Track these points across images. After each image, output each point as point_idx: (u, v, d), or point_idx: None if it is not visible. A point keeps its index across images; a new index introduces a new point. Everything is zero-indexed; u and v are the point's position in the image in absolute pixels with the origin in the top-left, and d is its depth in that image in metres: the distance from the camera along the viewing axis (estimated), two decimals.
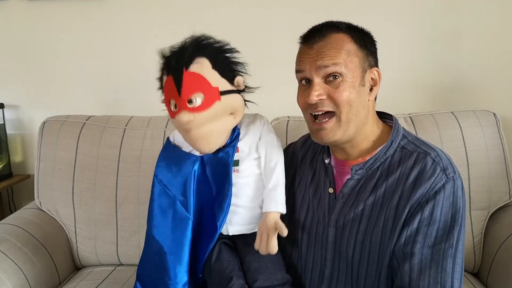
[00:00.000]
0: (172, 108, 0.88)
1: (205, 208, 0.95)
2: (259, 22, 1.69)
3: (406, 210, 0.83)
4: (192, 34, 0.91)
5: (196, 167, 0.94)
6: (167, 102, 0.89)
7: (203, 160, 0.94)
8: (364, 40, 0.89)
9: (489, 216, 1.37)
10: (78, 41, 1.78)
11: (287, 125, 1.48)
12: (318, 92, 0.85)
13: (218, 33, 0.91)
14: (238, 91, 0.93)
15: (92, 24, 1.76)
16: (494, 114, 1.41)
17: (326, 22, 0.91)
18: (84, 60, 1.79)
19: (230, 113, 0.91)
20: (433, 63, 1.68)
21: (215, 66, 0.88)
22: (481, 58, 1.66)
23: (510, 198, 1.37)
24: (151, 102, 0.91)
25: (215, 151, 0.93)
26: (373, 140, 0.91)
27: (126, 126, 1.51)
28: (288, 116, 1.51)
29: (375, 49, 0.92)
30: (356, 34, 0.88)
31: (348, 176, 0.91)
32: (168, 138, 1.01)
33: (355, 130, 0.88)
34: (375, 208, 0.87)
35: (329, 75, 0.85)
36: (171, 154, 0.98)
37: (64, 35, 1.78)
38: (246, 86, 0.95)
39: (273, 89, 1.68)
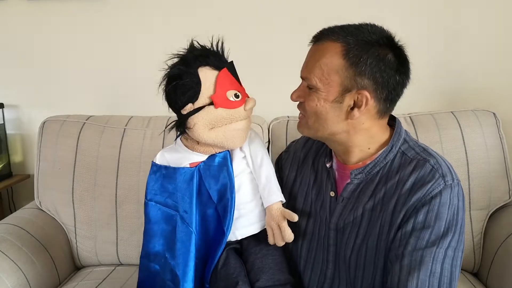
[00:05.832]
0: (232, 98, 0.89)
1: (208, 217, 0.94)
2: (259, 22, 1.69)
3: (401, 215, 0.83)
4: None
5: (195, 178, 0.93)
6: (223, 95, 0.88)
7: (199, 170, 0.93)
8: (362, 59, 0.80)
9: (489, 216, 1.37)
10: (78, 41, 1.78)
11: (287, 125, 1.48)
12: (297, 94, 0.90)
13: (219, 34, 0.91)
14: None
15: (92, 24, 1.76)
16: (494, 114, 1.41)
17: (332, 27, 0.86)
18: (84, 60, 1.79)
19: None
20: (433, 63, 1.68)
21: None
22: (481, 58, 1.66)
23: (510, 198, 1.37)
24: (151, 102, 0.91)
25: (211, 157, 0.93)
26: (369, 148, 0.90)
27: (126, 126, 1.51)
28: (288, 116, 1.51)
29: (379, 72, 0.81)
30: (356, 49, 0.80)
31: (348, 181, 0.91)
32: (152, 162, 0.99)
33: (328, 137, 0.89)
34: (374, 213, 0.87)
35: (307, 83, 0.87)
36: (163, 175, 0.96)
37: (64, 35, 1.78)
38: None
39: (273, 89, 1.68)
